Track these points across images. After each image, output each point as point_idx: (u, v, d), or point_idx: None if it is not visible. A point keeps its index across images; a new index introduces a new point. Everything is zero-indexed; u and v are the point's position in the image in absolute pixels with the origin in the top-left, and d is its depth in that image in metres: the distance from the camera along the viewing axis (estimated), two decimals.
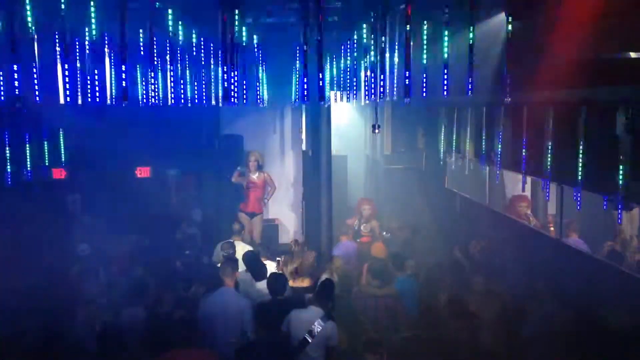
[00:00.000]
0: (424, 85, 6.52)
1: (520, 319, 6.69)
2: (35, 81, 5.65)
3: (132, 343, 6.30)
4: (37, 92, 5.63)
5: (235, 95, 6.64)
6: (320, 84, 5.58)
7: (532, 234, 8.87)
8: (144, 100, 8.02)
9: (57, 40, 6.47)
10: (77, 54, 7.27)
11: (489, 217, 9.94)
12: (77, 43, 7.25)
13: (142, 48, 7.62)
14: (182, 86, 8.58)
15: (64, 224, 10.65)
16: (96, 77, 7.43)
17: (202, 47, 8.64)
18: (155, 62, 7.26)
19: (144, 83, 8.03)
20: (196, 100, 9.20)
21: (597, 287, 6.75)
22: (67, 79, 6.32)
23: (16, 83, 5.13)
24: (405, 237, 9.99)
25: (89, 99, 7.50)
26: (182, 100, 8.75)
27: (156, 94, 7.89)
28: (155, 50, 6.61)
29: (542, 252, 8.07)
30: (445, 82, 6.04)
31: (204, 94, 9.29)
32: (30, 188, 10.16)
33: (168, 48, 7.77)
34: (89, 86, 7.41)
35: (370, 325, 6.92)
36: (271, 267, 8.23)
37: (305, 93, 5.80)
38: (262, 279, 7.38)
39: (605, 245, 8.02)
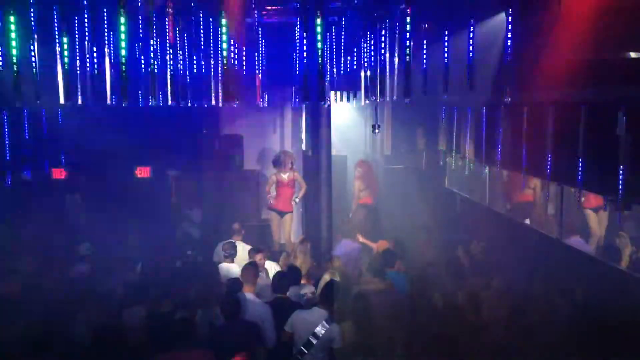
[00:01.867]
0: (424, 85, 6.53)
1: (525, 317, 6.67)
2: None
3: (132, 343, 6.29)
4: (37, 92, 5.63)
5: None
6: (321, 84, 5.59)
7: (532, 234, 8.87)
8: (144, 100, 8.01)
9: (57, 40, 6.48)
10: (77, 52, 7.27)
11: (488, 217, 9.94)
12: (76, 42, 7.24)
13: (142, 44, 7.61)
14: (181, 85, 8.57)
15: (64, 224, 10.66)
16: (96, 70, 7.37)
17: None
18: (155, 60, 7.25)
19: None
20: (196, 101, 9.20)
21: (595, 285, 6.76)
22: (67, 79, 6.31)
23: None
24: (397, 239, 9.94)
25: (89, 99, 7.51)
26: (182, 100, 8.73)
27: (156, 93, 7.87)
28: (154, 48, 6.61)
29: (543, 253, 8.07)
30: (445, 82, 6.05)
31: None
32: (30, 188, 10.19)
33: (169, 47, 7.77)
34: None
35: (375, 322, 6.89)
36: (272, 266, 8.23)
37: (305, 93, 5.80)
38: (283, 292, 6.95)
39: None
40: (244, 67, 8.49)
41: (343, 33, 8.97)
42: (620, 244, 8.24)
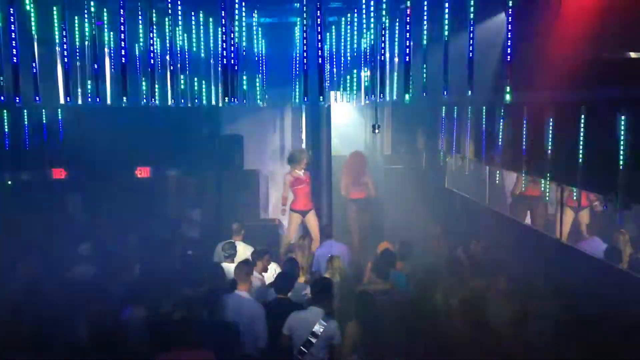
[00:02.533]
0: (424, 85, 6.53)
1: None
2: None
3: (132, 343, 6.29)
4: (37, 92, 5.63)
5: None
6: (321, 84, 5.60)
7: (532, 234, 8.87)
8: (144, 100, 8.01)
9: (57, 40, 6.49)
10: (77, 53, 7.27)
11: (488, 217, 9.94)
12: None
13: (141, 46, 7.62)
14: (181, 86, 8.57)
15: (63, 224, 10.66)
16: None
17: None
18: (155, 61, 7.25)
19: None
20: (196, 100, 9.20)
21: (595, 285, 6.76)
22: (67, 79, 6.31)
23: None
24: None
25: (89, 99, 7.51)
26: (182, 101, 8.74)
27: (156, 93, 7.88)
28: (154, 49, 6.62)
29: (542, 253, 8.07)
30: (446, 82, 6.05)
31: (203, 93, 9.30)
32: (30, 188, 10.19)
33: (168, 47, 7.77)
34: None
35: (378, 323, 6.89)
36: (273, 267, 8.23)
37: (305, 93, 5.80)
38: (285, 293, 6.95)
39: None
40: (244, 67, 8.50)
41: (343, 33, 8.97)
42: (622, 242, 8.24)
